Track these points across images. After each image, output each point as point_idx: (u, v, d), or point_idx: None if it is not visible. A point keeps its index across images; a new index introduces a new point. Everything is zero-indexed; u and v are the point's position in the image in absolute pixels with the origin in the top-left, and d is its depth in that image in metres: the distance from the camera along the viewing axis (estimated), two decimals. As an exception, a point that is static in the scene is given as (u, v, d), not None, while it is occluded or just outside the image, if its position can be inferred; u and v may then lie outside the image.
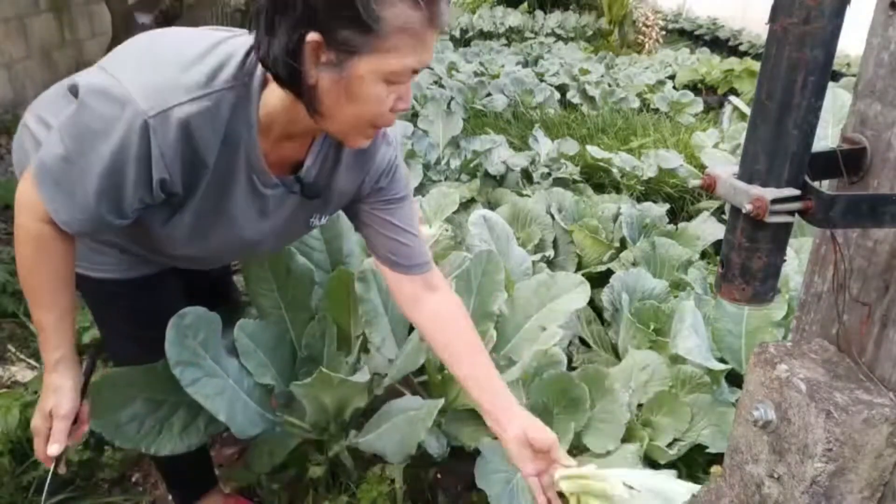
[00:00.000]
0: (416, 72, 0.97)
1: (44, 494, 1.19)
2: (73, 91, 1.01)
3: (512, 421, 1.18)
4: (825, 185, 0.87)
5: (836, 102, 2.45)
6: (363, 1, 0.86)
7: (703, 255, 2.75)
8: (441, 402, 1.41)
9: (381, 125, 1.04)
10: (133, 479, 1.84)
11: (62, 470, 1.16)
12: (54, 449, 1.13)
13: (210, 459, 1.70)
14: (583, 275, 1.93)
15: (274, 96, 1.01)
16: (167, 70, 0.96)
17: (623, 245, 2.65)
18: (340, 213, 1.34)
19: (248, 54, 1.00)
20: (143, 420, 1.34)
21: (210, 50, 1.00)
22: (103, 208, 1.01)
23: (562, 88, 5.97)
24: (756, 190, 0.75)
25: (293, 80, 0.95)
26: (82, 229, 1.06)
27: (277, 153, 1.10)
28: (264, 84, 1.01)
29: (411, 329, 1.60)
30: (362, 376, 1.38)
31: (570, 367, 2.04)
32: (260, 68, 1.00)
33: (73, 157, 0.98)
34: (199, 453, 1.59)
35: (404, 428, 1.41)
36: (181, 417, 1.37)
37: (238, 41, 1.02)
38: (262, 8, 0.92)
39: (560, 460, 1.15)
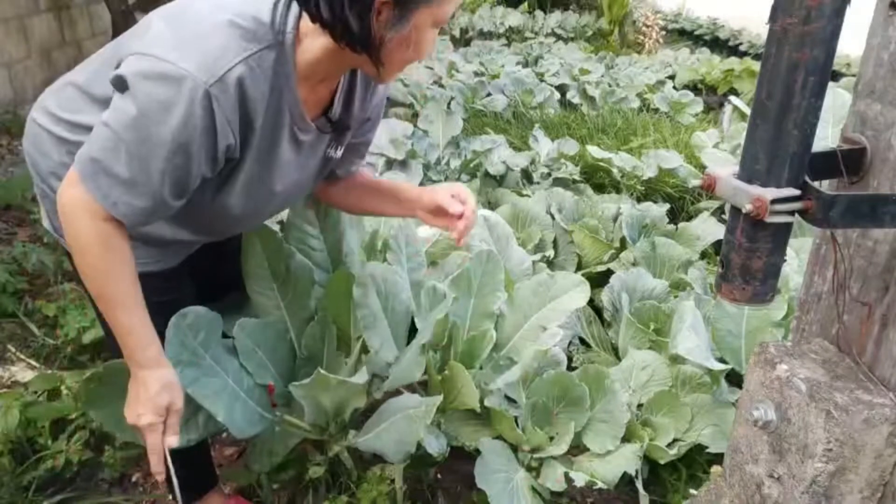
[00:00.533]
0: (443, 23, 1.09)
1: (177, 492, 1.22)
2: (118, 84, 1.01)
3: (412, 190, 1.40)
4: (825, 185, 0.87)
5: (836, 102, 2.45)
6: None
7: (703, 255, 2.75)
8: (439, 398, 1.41)
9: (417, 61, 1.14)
10: (133, 479, 1.84)
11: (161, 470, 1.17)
12: (174, 441, 1.16)
13: (211, 458, 1.70)
14: (583, 275, 1.93)
15: (315, 45, 1.07)
16: (211, 39, 1.00)
17: (623, 245, 2.65)
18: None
19: (274, 9, 1.05)
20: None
21: (239, 11, 1.04)
22: (167, 191, 1.04)
23: (562, 88, 5.97)
24: (756, 190, 0.75)
25: (361, 38, 1.01)
26: (141, 219, 1.07)
27: (312, 99, 1.17)
28: (297, 36, 1.07)
29: (411, 334, 1.60)
30: (360, 378, 1.37)
31: (570, 367, 2.04)
32: (292, 22, 1.05)
33: (131, 147, 1.00)
34: (199, 451, 1.61)
35: (403, 426, 1.41)
36: (183, 413, 1.37)
37: None
38: None
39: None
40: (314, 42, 1.07)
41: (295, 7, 1.05)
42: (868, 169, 0.86)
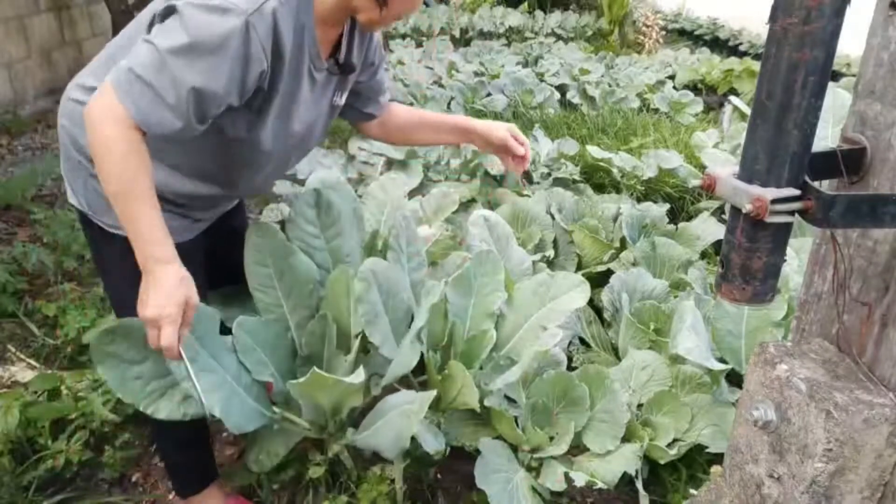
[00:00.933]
0: None
1: (198, 389, 1.26)
2: (166, 13, 1.14)
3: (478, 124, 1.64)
4: (825, 185, 0.87)
5: (836, 102, 2.45)
6: None
7: (703, 255, 2.75)
8: (433, 393, 1.41)
9: (396, 20, 1.33)
10: (133, 479, 1.84)
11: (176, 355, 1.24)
12: (187, 331, 1.25)
13: (212, 452, 1.70)
14: (583, 275, 1.93)
15: None
16: None
17: (623, 245, 2.65)
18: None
19: None
20: (149, 381, 1.35)
21: None
22: (192, 110, 1.15)
23: (562, 88, 5.97)
24: (756, 190, 0.75)
25: None
26: (165, 132, 1.16)
27: (324, 40, 1.32)
28: None
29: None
30: (356, 377, 1.38)
31: (570, 367, 2.04)
32: None
33: (171, 67, 1.11)
34: (200, 445, 1.63)
35: (398, 422, 1.41)
36: (184, 390, 1.37)
37: None
38: None
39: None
40: None
41: None
42: (868, 169, 0.86)
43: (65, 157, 1.45)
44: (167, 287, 1.21)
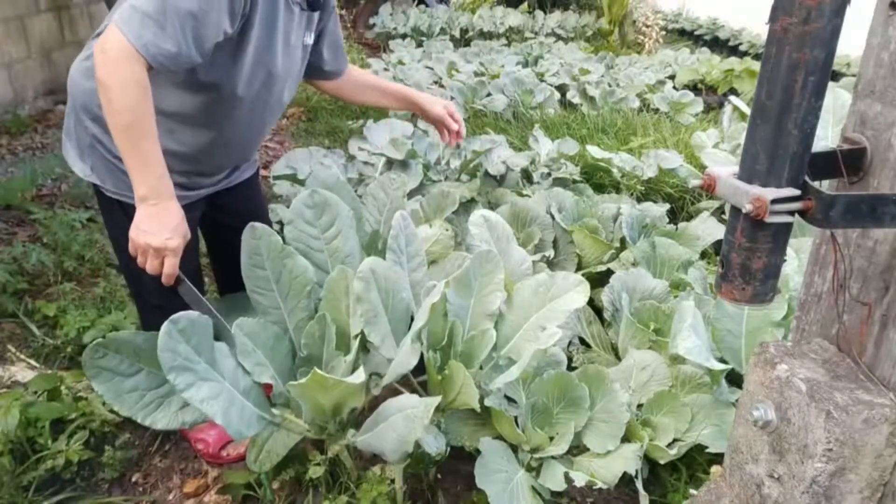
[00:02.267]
0: None
1: (207, 304, 1.43)
2: None
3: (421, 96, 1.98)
4: (825, 185, 0.87)
5: (836, 102, 2.45)
6: None
7: (703, 255, 2.75)
8: (438, 399, 1.41)
9: None
10: (133, 480, 1.84)
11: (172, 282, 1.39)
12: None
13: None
14: (583, 275, 1.93)
15: None
16: None
17: (623, 245, 2.65)
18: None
19: None
20: (144, 393, 1.36)
21: None
22: (190, 38, 1.25)
23: (562, 88, 5.96)
24: (756, 190, 0.75)
25: None
26: (167, 62, 1.26)
27: None
28: None
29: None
30: (357, 377, 1.37)
31: (570, 367, 2.04)
32: None
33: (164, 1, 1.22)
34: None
35: (401, 426, 1.41)
36: (181, 398, 1.37)
37: None
38: None
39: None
40: None
41: None
42: (868, 169, 0.86)
43: (73, 125, 1.53)
44: (172, 220, 1.32)
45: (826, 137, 2.41)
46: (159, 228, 1.31)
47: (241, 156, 1.75)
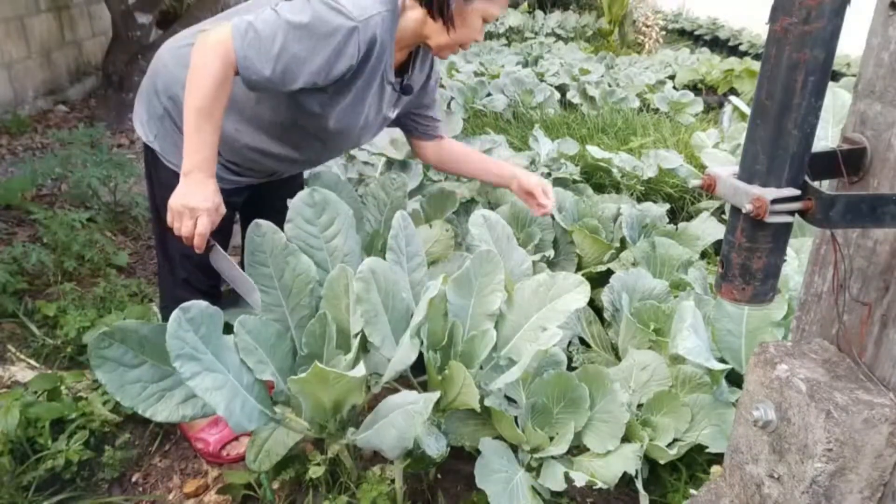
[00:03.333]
0: (490, 20, 1.63)
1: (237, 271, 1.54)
2: None
3: (513, 177, 2.08)
4: (825, 185, 0.87)
5: (836, 102, 2.45)
6: None
7: (703, 255, 2.75)
8: (437, 395, 1.41)
9: (462, 48, 1.67)
10: (133, 479, 1.84)
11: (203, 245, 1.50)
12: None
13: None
14: (583, 275, 1.93)
15: (410, 19, 1.58)
16: None
17: (623, 245, 2.65)
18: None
19: None
20: (147, 385, 1.36)
21: None
22: (281, 70, 1.42)
23: (562, 88, 5.96)
24: (756, 190, 0.75)
25: (440, 4, 1.53)
26: (253, 77, 1.43)
27: (395, 61, 1.66)
28: (401, 8, 1.56)
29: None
30: (358, 371, 1.38)
31: (570, 367, 2.04)
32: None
33: (284, 30, 1.40)
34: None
35: (401, 422, 1.41)
36: (183, 391, 1.39)
37: None
38: None
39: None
40: (410, 16, 1.58)
41: None
42: (868, 169, 0.86)
43: (150, 96, 1.69)
44: (208, 191, 1.46)
45: (826, 137, 2.41)
46: (197, 193, 1.45)
47: (292, 171, 1.91)
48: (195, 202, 1.45)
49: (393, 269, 1.62)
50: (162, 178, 1.71)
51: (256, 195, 1.90)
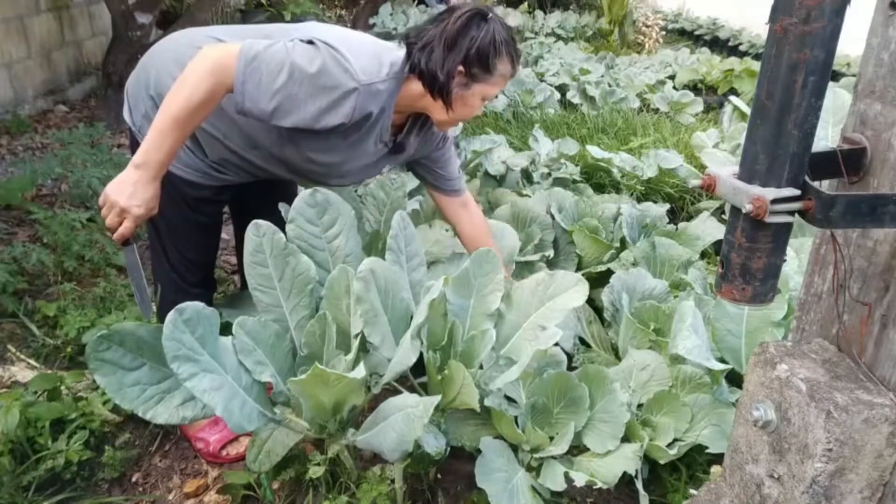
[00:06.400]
0: (489, 99, 1.68)
1: (142, 285, 1.59)
2: (309, 40, 1.46)
3: None
4: (825, 185, 0.87)
5: (836, 102, 2.45)
6: (493, 60, 1.56)
7: (703, 255, 2.75)
8: (438, 398, 1.41)
9: (461, 123, 1.79)
10: (133, 480, 1.84)
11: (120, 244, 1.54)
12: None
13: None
14: (583, 275, 1.93)
15: (413, 89, 1.60)
16: (374, 59, 1.52)
17: (623, 245, 2.65)
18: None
19: (402, 60, 1.57)
20: (146, 387, 1.36)
21: (389, 50, 1.59)
22: (273, 107, 1.44)
23: (562, 88, 5.96)
24: (756, 190, 0.75)
25: (441, 89, 1.56)
26: (245, 105, 1.44)
27: (393, 122, 1.69)
28: (403, 79, 1.59)
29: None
30: (358, 373, 1.38)
31: (570, 367, 2.04)
32: (406, 68, 1.57)
33: (288, 70, 1.41)
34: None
35: (401, 425, 1.41)
36: (182, 393, 1.38)
37: (397, 52, 1.59)
38: (431, 43, 1.54)
39: None
40: (412, 87, 1.60)
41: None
42: (868, 169, 0.86)
43: (137, 91, 1.69)
44: (147, 195, 1.46)
45: (826, 137, 2.41)
46: (134, 194, 1.45)
47: (278, 178, 1.89)
48: (128, 202, 1.45)
49: (392, 269, 1.62)
50: None
51: (248, 193, 1.90)
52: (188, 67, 1.42)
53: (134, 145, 1.74)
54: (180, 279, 1.84)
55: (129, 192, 1.45)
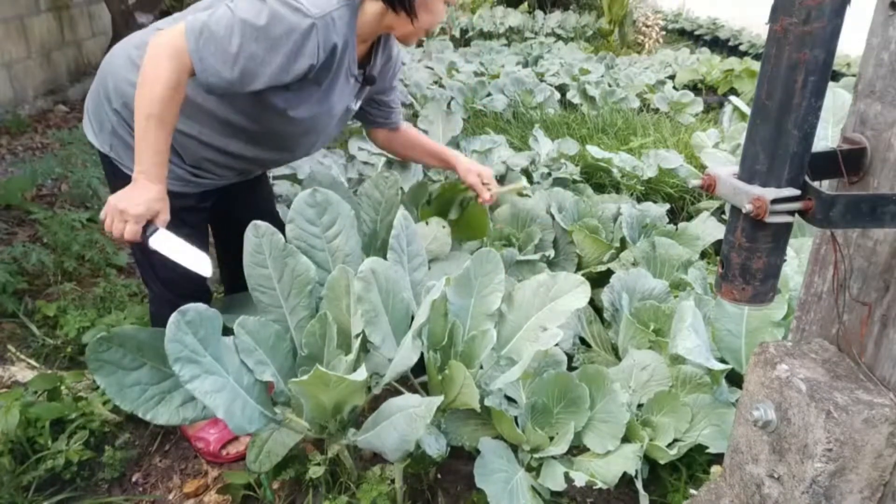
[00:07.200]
0: (454, 3, 1.67)
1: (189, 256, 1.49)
2: None
3: (460, 160, 2.09)
4: (825, 185, 0.87)
5: (836, 102, 2.45)
6: None
7: (703, 255, 2.75)
8: (440, 399, 1.41)
9: (427, 33, 1.67)
10: (133, 480, 1.84)
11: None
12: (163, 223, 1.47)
13: None
14: (583, 275, 1.93)
15: (369, 12, 1.54)
16: None
17: (623, 245, 2.65)
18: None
19: None
20: (146, 388, 1.37)
21: None
22: (238, 73, 1.37)
23: (562, 88, 5.96)
24: (756, 190, 0.75)
25: (402, 1, 1.51)
26: (210, 80, 1.38)
27: (358, 52, 1.62)
28: (357, 6, 1.51)
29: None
30: (359, 375, 1.38)
31: (571, 367, 2.04)
32: None
33: (239, 30, 1.34)
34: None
35: (403, 425, 1.41)
36: (183, 393, 1.39)
37: None
38: None
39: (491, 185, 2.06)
40: (369, 8, 1.53)
41: None
42: (868, 169, 0.86)
43: (98, 104, 1.64)
44: (149, 196, 1.43)
45: (826, 137, 2.41)
46: (134, 198, 1.42)
47: (259, 170, 1.88)
48: (127, 206, 1.41)
49: (394, 269, 1.61)
50: (122, 186, 1.67)
51: (226, 204, 1.85)
52: (144, 63, 1.37)
53: (108, 170, 1.70)
54: (170, 293, 1.77)
55: (127, 196, 1.43)
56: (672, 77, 6.97)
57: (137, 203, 1.42)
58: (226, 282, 2.16)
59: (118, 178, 1.65)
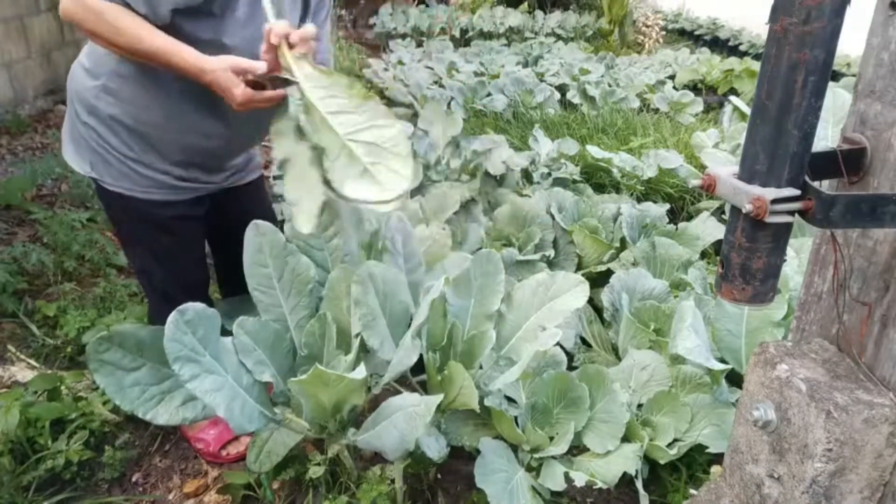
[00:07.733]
0: None
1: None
2: None
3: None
4: (825, 185, 0.87)
5: (836, 102, 2.45)
6: None
7: (703, 255, 2.75)
8: (439, 398, 1.41)
9: None
10: (133, 479, 1.84)
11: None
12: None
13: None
14: (583, 275, 1.93)
15: None
16: None
17: (623, 245, 2.65)
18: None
19: None
20: (146, 388, 1.37)
21: None
22: None
23: (562, 88, 5.96)
24: (756, 190, 0.75)
25: None
26: (143, 12, 1.30)
27: None
28: None
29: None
30: (359, 373, 1.38)
31: (571, 367, 2.04)
32: None
33: None
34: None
35: (402, 425, 1.41)
36: (183, 393, 1.39)
37: None
38: None
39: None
40: None
41: None
42: (868, 169, 0.86)
43: (72, 124, 1.60)
44: (226, 82, 1.34)
45: (826, 137, 2.41)
46: (227, 92, 1.36)
47: (237, 147, 1.73)
48: (238, 97, 1.35)
49: (391, 271, 1.61)
50: (113, 206, 1.65)
51: (222, 216, 1.81)
52: (78, 24, 1.34)
53: (98, 193, 1.65)
54: (168, 303, 1.69)
55: (227, 98, 1.37)
56: (672, 77, 6.97)
57: (237, 95, 1.35)
58: (222, 286, 2.15)
59: (105, 198, 1.63)
